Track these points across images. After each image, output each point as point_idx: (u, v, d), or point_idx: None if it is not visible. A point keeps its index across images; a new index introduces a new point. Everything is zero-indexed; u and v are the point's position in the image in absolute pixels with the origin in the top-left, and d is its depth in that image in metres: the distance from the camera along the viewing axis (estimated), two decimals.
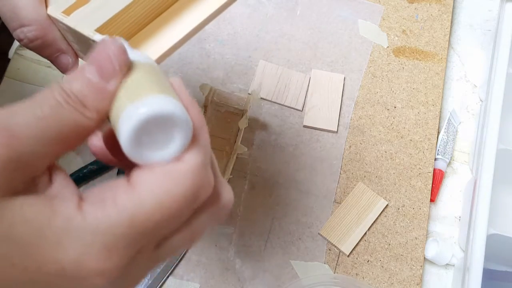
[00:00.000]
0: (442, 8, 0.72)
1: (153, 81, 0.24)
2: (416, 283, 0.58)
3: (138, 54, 0.26)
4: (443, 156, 0.64)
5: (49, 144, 0.23)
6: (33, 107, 0.23)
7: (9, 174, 0.22)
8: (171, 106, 0.23)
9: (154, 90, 0.23)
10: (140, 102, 0.23)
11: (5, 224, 0.22)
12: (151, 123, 0.23)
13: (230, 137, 0.61)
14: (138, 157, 0.24)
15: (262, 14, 0.70)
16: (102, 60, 0.24)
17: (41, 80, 0.64)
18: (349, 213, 0.60)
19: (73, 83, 0.24)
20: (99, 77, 0.24)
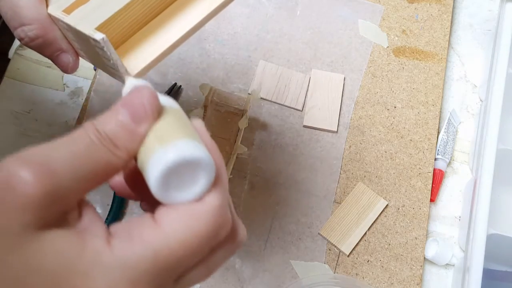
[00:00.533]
0: (442, 8, 0.72)
1: (180, 126, 0.26)
2: (416, 283, 0.58)
3: (166, 99, 0.28)
4: (443, 156, 0.64)
5: (82, 181, 0.25)
6: (70, 144, 0.25)
7: (45, 208, 0.23)
8: (198, 151, 0.25)
9: (182, 135, 0.25)
10: (170, 146, 0.24)
11: (38, 256, 0.23)
12: (179, 166, 0.24)
13: (230, 137, 0.61)
14: (165, 197, 0.25)
15: (262, 14, 0.70)
16: (135, 105, 0.26)
17: (41, 80, 0.64)
18: (349, 213, 0.60)
19: (106, 124, 0.26)
20: (131, 120, 0.26)
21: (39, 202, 0.23)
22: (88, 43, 0.34)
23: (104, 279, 0.23)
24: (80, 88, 0.65)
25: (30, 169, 0.23)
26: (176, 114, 0.27)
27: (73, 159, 0.24)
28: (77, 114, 0.62)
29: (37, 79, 0.64)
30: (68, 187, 0.24)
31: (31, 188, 0.23)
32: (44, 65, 0.65)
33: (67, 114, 0.63)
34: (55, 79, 0.65)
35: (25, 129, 0.62)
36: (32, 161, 0.23)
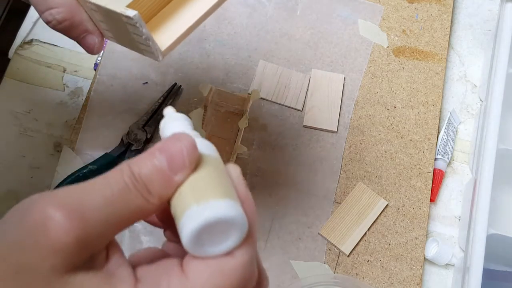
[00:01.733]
0: (442, 8, 0.72)
1: (217, 180, 0.26)
2: (416, 283, 0.58)
3: (205, 144, 0.28)
4: (443, 156, 0.64)
5: (112, 226, 0.25)
6: (104, 187, 0.25)
7: (75, 253, 0.23)
8: (233, 211, 0.25)
9: (218, 192, 0.25)
10: (205, 205, 0.24)
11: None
12: (212, 225, 0.24)
13: (230, 137, 0.61)
14: (196, 252, 0.25)
15: (262, 14, 0.70)
16: (174, 153, 0.25)
17: (41, 80, 0.64)
18: (349, 213, 0.60)
19: (142, 168, 0.25)
20: (168, 167, 0.25)
21: (70, 247, 0.23)
22: (118, 22, 0.34)
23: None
24: (80, 88, 0.65)
25: (65, 214, 0.23)
26: (214, 165, 0.27)
27: (106, 205, 0.24)
28: (77, 114, 0.62)
29: (37, 79, 0.64)
30: (99, 233, 0.24)
31: (64, 234, 0.23)
32: (44, 65, 0.65)
33: (67, 114, 0.63)
34: (55, 79, 0.65)
35: (25, 129, 0.62)
36: (67, 205, 0.23)
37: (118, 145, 0.60)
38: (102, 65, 0.65)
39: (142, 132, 0.61)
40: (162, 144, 0.26)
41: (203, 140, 0.28)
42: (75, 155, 0.60)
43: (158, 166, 0.25)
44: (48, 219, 0.23)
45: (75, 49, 0.66)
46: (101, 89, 0.64)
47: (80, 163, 0.60)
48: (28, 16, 0.67)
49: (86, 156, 0.60)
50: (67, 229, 0.23)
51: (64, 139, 0.62)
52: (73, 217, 0.23)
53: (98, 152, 0.60)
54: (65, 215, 0.23)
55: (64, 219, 0.23)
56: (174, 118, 0.30)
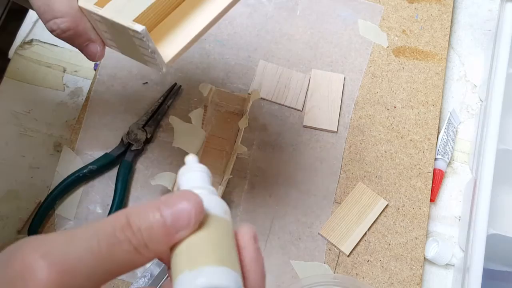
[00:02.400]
0: (442, 8, 0.72)
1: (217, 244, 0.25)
2: (416, 283, 0.58)
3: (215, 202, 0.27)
4: (443, 156, 0.64)
5: (98, 280, 0.23)
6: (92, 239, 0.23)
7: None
8: (226, 282, 0.24)
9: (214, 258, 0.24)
10: (197, 272, 0.24)
11: None
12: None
13: (230, 137, 0.61)
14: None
15: (262, 14, 0.70)
16: (181, 211, 0.25)
17: (41, 80, 0.64)
18: (349, 213, 0.60)
19: (143, 220, 0.24)
20: (172, 224, 0.24)
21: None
22: (123, 34, 0.35)
23: None
24: (80, 88, 0.65)
25: (46, 265, 0.22)
26: (218, 226, 0.26)
27: (92, 259, 0.23)
28: (77, 114, 0.62)
29: (37, 79, 0.64)
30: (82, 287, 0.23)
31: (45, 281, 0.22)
32: (44, 65, 0.65)
33: (67, 114, 0.63)
34: (55, 79, 0.65)
35: (25, 129, 0.62)
36: (50, 256, 0.22)
37: (118, 145, 0.60)
38: (102, 65, 0.65)
39: (142, 132, 0.61)
40: (169, 199, 0.25)
41: (216, 198, 0.27)
42: (75, 155, 0.60)
43: (161, 221, 0.24)
44: (29, 269, 0.22)
45: (75, 49, 0.66)
46: (101, 89, 0.64)
47: (80, 163, 0.60)
48: (28, 16, 0.67)
49: (86, 156, 0.60)
50: (47, 281, 0.22)
51: (64, 139, 0.62)
52: (55, 269, 0.22)
53: (98, 152, 0.60)
54: (46, 266, 0.22)
55: (44, 271, 0.22)
56: (193, 169, 0.29)
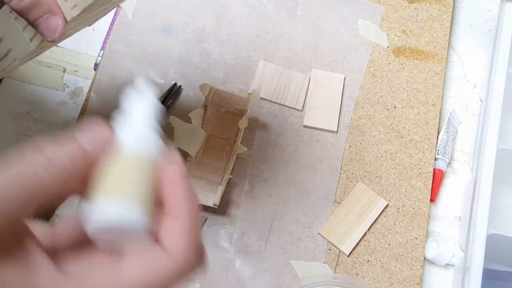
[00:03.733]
0: (442, 8, 0.72)
1: (127, 180, 0.26)
2: (416, 283, 0.58)
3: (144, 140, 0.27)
4: (443, 156, 0.64)
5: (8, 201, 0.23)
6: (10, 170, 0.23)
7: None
8: (127, 216, 0.24)
9: (122, 193, 0.25)
10: (107, 203, 0.25)
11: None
12: (107, 226, 0.24)
13: (230, 137, 0.61)
14: (98, 242, 0.25)
15: (262, 14, 0.70)
16: (92, 136, 0.25)
17: (41, 80, 0.64)
18: (349, 213, 0.60)
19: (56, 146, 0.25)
20: (86, 142, 0.25)
21: None
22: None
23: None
24: (80, 88, 0.65)
25: None
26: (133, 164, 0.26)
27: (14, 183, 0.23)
28: (77, 114, 0.62)
29: (37, 79, 0.64)
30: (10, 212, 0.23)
31: None
32: (44, 65, 0.65)
33: (67, 114, 0.63)
34: (55, 79, 0.65)
35: (25, 129, 0.62)
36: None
37: None
38: (102, 65, 0.65)
39: None
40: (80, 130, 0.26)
41: (148, 136, 0.27)
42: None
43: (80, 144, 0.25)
44: None
45: (75, 49, 0.66)
46: (101, 89, 0.64)
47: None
48: None
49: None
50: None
51: None
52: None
53: None
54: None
55: None
56: (141, 94, 0.29)
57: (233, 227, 0.58)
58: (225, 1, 0.70)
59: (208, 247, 0.57)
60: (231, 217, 0.59)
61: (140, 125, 0.28)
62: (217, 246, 0.57)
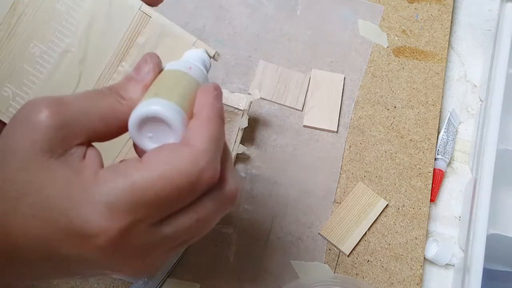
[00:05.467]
0: (442, 8, 0.72)
1: (168, 86, 0.30)
2: (416, 283, 0.58)
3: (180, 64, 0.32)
4: (443, 156, 0.64)
5: (90, 117, 0.28)
6: (83, 92, 0.29)
7: (54, 136, 0.27)
8: (164, 110, 0.28)
9: (163, 94, 0.29)
10: (146, 102, 0.28)
11: (39, 179, 0.26)
12: (149, 119, 0.28)
13: (230, 137, 0.61)
14: (138, 141, 0.29)
15: (262, 14, 0.70)
16: (141, 65, 0.31)
17: None
18: (349, 213, 0.60)
19: (117, 83, 0.31)
20: (135, 73, 0.31)
21: (50, 129, 0.27)
22: None
23: (84, 203, 0.25)
24: None
25: (47, 103, 0.27)
26: (176, 77, 0.31)
27: (83, 97, 0.29)
28: None
29: None
30: (77, 119, 0.28)
31: (45, 116, 0.27)
32: None
33: None
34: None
35: None
36: (51, 99, 0.28)
37: None
38: None
39: None
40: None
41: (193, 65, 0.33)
42: None
43: (128, 75, 0.31)
44: (34, 107, 0.27)
45: None
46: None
47: None
48: None
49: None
50: (47, 113, 0.27)
51: None
52: (54, 104, 0.27)
53: None
54: (47, 104, 0.27)
55: (46, 107, 0.27)
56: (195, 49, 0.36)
57: (233, 227, 0.58)
58: (225, 1, 0.70)
59: (208, 247, 0.57)
60: (231, 217, 0.59)
61: (188, 59, 0.34)
62: (217, 246, 0.57)
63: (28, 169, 0.26)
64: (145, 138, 0.28)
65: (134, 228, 0.26)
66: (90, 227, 0.25)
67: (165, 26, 0.40)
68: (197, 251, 0.57)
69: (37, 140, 0.26)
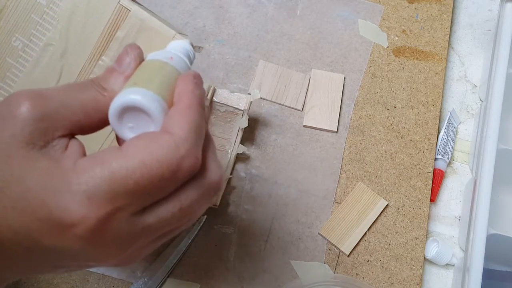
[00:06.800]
0: (442, 8, 0.72)
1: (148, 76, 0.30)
2: (416, 283, 0.58)
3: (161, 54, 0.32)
4: (443, 156, 0.64)
5: (72, 109, 0.28)
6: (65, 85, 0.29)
7: (35, 127, 0.27)
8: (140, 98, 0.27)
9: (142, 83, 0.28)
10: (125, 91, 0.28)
11: (20, 170, 0.26)
12: (128, 108, 0.28)
13: (230, 137, 0.61)
14: (118, 131, 0.29)
15: (262, 14, 0.70)
16: (122, 57, 0.32)
17: None
18: (349, 213, 0.60)
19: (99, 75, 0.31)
20: (117, 65, 0.31)
21: (31, 120, 0.27)
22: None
23: (63, 192, 0.25)
24: None
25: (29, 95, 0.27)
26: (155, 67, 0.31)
27: (64, 89, 0.29)
28: None
29: None
30: (57, 112, 0.28)
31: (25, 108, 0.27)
32: None
33: None
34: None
35: None
36: (33, 91, 0.28)
37: None
38: None
39: None
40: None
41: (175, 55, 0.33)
42: None
43: (110, 67, 0.31)
44: (15, 100, 0.27)
45: None
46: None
47: None
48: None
49: None
50: (28, 105, 0.27)
51: None
52: (36, 97, 0.27)
53: None
54: (28, 97, 0.27)
55: (27, 99, 0.27)
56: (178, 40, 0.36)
57: (233, 227, 0.58)
58: (225, 1, 0.70)
59: (208, 247, 0.57)
60: (231, 217, 0.59)
61: (170, 49, 0.34)
62: (217, 246, 0.57)
63: (9, 161, 0.26)
64: (125, 128, 0.28)
65: (114, 217, 0.26)
66: (69, 216, 0.25)
67: (144, 20, 0.40)
68: (197, 251, 0.57)
69: (18, 132, 0.26)
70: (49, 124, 0.27)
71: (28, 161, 0.26)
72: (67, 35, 0.39)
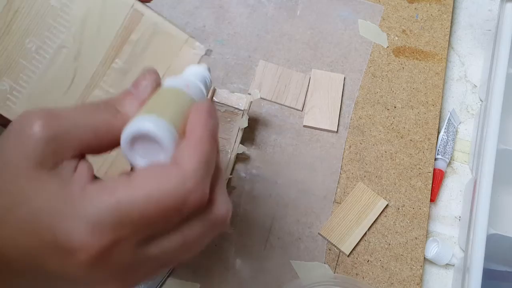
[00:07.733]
0: (442, 8, 0.72)
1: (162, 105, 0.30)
2: (416, 283, 0.58)
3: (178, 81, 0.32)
4: (443, 156, 0.64)
5: (83, 130, 0.28)
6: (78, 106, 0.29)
7: (46, 149, 0.27)
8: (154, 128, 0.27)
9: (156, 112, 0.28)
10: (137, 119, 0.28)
11: (28, 191, 0.26)
12: (140, 136, 0.27)
13: (230, 137, 0.61)
14: (129, 157, 0.28)
15: (262, 14, 0.70)
16: (139, 81, 0.32)
17: None
18: (349, 213, 0.60)
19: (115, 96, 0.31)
20: (133, 88, 0.31)
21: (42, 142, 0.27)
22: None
23: (68, 218, 0.25)
24: None
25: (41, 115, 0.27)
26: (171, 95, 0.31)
27: (76, 110, 0.29)
28: None
29: None
30: (69, 132, 0.28)
31: (38, 128, 0.27)
32: None
33: None
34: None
35: None
36: (45, 110, 0.28)
37: None
38: None
39: None
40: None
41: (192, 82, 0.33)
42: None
43: (126, 90, 0.31)
44: (28, 119, 0.27)
45: None
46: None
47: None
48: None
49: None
50: (40, 125, 0.27)
51: None
52: (48, 116, 0.27)
53: None
54: (41, 116, 0.27)
55: (39, 118, 0.27)
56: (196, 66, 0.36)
57: (233, 227, 0.58)
58: (225, 1, 0.70)
59: (208, 247, 0.57)
60: (231, 217, 0.59)
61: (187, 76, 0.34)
62: (217, 246, 0.57)
63: (18, 181, 0.26)
64: (136, 154, 0.28)
65: (117, 246, 0.26)
66: (73, 242, 0.25)
67: (157, 23, 0.40)
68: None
69: (29, 152, 0.27)
70: (59, 144, 0.27)
71: (37, 182, 0.26)
72: (81, 38, 0.39)
